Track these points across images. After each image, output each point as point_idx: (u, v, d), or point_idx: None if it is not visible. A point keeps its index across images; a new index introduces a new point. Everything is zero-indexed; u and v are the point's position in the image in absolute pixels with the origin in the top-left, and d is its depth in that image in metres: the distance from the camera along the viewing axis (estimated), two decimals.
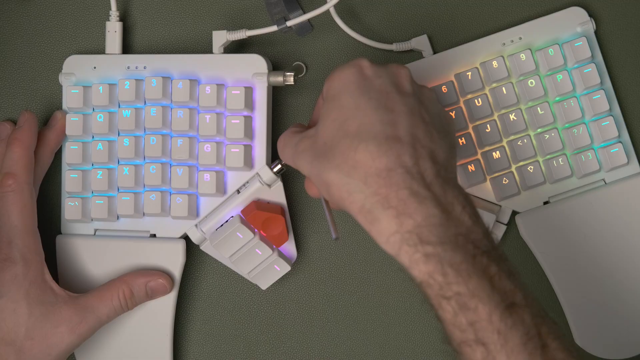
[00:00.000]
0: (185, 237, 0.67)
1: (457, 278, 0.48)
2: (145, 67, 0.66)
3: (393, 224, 0.49)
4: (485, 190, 0.66)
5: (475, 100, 0.66)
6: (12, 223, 0.61)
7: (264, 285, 0.66)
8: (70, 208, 0.66)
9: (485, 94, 0.66)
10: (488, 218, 0.64)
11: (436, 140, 0.52)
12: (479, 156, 0.66)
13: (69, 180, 0.66)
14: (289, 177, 0.69)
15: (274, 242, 0.65)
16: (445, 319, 0.49)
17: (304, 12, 0.67)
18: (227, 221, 0.65)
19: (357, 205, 0.50)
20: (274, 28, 0.65)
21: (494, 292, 0.48)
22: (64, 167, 0.67)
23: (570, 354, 0.48)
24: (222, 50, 0.66)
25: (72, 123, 0.66)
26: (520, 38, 0.66)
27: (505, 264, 0.50)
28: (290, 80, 0.65)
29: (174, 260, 0.66)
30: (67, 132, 0.66)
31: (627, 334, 0.65)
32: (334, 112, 0.53)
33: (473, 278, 0.48)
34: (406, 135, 0.51)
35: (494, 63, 0.65)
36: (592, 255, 0.65)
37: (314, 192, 0.60)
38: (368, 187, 0.50)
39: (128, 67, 0.66)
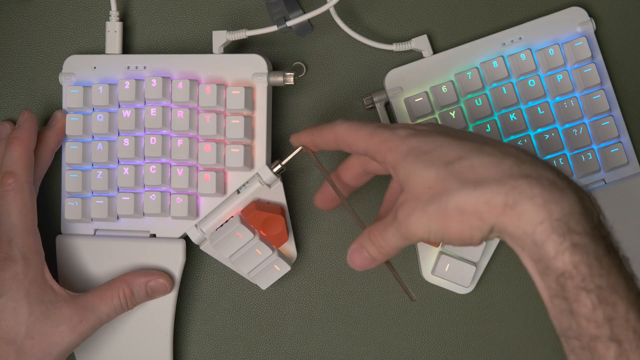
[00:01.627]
0: (185, 237, 0.67)
1: (600, 270, 0.46)
2: (145, 67, 0.66)
3: (541, 212, 0.47)
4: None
5: (476, 100, 0.66)
6: (12, 222, 0.61)
7: (264, 285, 0.66)
8: (70, 208, 0.66)
9: (486, 94, 0.66)
10: None
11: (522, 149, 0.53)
12: None
13: (69, 180, 0.66)
14: (289, 177, 0.69)
15: (274, 242, 0.65)
16: (580, 312, 0.47)
17: (304, 12, 0.67)
18: (227, 221, 0.65)
19: (499, 208, 0.48)
20: (274, 28, 0.65)
21: (630, 289, 0.47)
22: (64, 167, 0.67)
23: None
24: (222, 50, 0.66)
25: (72, 123, 0.66)
26: (520, 38, 0.66)
27: (627, 262, 0.49)
28: (290, 80, 0.65)
29: (174, 260, 0.66)
30: (67, 132, 0.66)
31: None
32: (423, 160, 0.51)
33: (613, 272, 0.47)
34: (506, 146, 0.51)
35: (494, 63, 0.65)
36: None
37: (363, 263, 0.56)
38: (504, 185, 0.48)
39: (128, 67, 0.66)
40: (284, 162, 0.64)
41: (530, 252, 0.48)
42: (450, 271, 0.65)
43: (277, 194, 0.65)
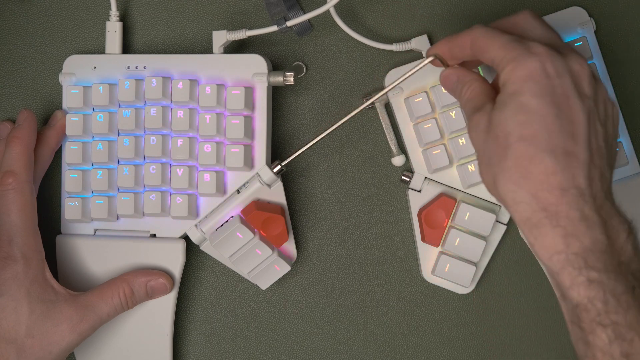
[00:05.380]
0: (185, 237, 0.67)
1: (617, 308, 0.47)
2: (145, 67, 0.66)
3: (560, 243, 0.48)
4: (485, 190, 0.66)
5: None
6: (12, 221, 0.61)
7: (264, 285, 0.66)
8: (70, 208, 0.66)
9: None
10: (488, 218, 0.64)
11: (604, 155, 0.51)
12: None
13: (69, 180, 0.66)
14: (289, 177, 0.69)
15: (274, 242, 0.65)
16: (595, 344, 0.47)
17: (304, 12, 0.67)
18: (227, 221, 0.65)
19: (523, 216, 0.49)
20: (274, 28, 0.65)
21: None
22: (64, 167, 0.67)
23: None
24: (222, 50, 0.66)
25: (72, 123, 0.66)
26: None
27: None
28: (290, 80, 0.65)
29: (174, 260, 0.66)
30: (67, 132, 0.66)
31: None
32: (511, 109, 0.50)
33: (632, 310, 0.47)
34: (583, 152, 0.49)
35: None
36: None
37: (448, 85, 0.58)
38: (537, 202, 0.48)
39: (128, 67, 0.66)
40: (284, 162, 0.64)
41: (548, 273, 0.49)
42: (450, 271, 0.65)
43: (277, 194, 0.66)
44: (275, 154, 0.68)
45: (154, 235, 0.67)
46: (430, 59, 0.58)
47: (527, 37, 0.53)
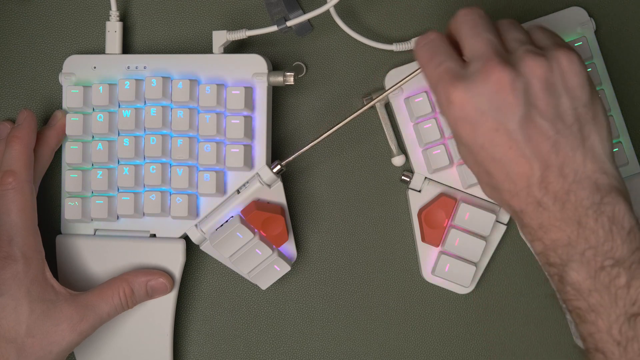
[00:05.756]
0: (185, 237, 0.67)
1: (576, 295, 0.50)
2: (145, 67, 0.66)
3: (530, 245, 0.53)
4: None
5: None
6: (12, 221, 0.61)
7: (264, 285, 0.66)
8: (70, 208, 0.66)
9: None
10: (488, 218, 0.64)
11: (564, 144, 0.50)
12: None
13: (69, 180, 0.66)
14: (289, 177, 0.69)
15: (274, 242, 0.65)
16: (575, 324, 0.52)
17: (304, 12, 0.67)
18: (227, 221, 0.65)
19: (510, 212, 0.53)
20: (274, 28, 0.65)
21: (616, 305, 0.48)
22: (64, 167, 0.67)
23: None
24: (222, 50, 0.66)
25: (72, 123, 0.66)
26: None
27: None
28: (290, 80, 0.65)
29: (174, 260, 0.66)
30: (67, 132, 0.66)
31: None
32: (460, 150, 0.55)
33: (593, 294, 0.49)
34: (530, 167, 0.50)
35: None
36: None
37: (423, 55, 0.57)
38: (510, 208, 0.53)
39: (128, 67, 0.66)
40: (284, 162, 0.64)
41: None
42: (450, 271, 0.65)
43: (277, 194, 0.65)
44: (275, 154, 0.68)
45: (154, 235, 0.67)
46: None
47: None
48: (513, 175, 0.50)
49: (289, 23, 0.65)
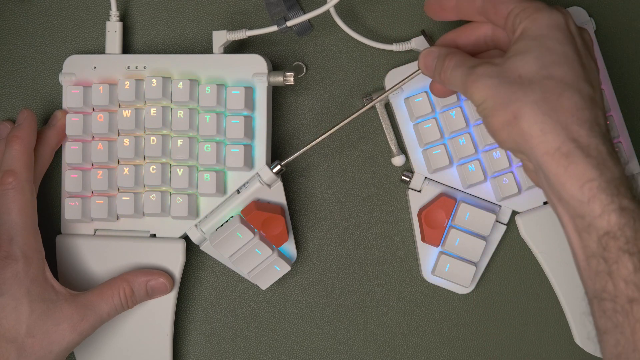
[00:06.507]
0: (185, 237, 0.67)
1: None
2: (145, 67, 0.66)
3: (593, 171, 0.49)
4: (485, 190, 0.66)
5: None
6: (12, 220, 0.61)
7: (264, 285, 0.66)
8: (70, 208, 0.66)
9: None
10: (488, 218, 0.64)
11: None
12: (479, 156, 0.66)
13: (69, 180, 0.66)
14: (289, 177, 0.69)
15: (274, 242, 0.65)
16: (620, 274, 0.48)
17: (304, 12, 0.67)
18: (227, 221, 0.65)
19: (551, 146, 0.50)
20: (274, 28, 0.65)
21: None
22: (64, 167, 0.67)
23: None
24: (222, 50, 0.66)
25: (72, 123, 0.66)
26: None
27: None
28: (290, 80, 0.65)
29: (174, 260, 0.66)
30: (67, 132, 0.66)
31: None
32: (537, 51, 0.52)
33: None
34: (599, 101, 0.52)
35: None
36: None
37: (440, 92, 0.61)
38: (568, 133, 0.49)
39: (128, 67, 0.66)
40: (284, 162, 0.64)
41: (569, 207, 0.50)
42: (450, 271, 0.65)
43: (277, 194, 0.66)
44: (275, 154, 0.68)
45: (154, 235, 0.67)
46: (428, 47, 0.59)
47: None
48: (590, 90, 0.51)
49: (289, 23, 0.65)
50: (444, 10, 0.59)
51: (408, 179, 0.67)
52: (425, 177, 0.67)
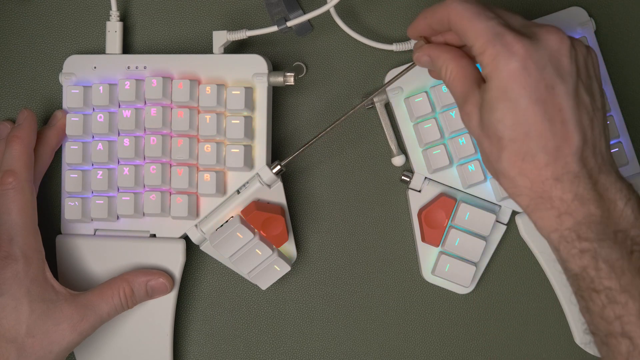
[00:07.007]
0: (185, 237, 0.67)
1: (609, 274, 0.49)
2: (145, 67, 0.66)
3: (554, 222, 0.51)
4: (485, 190, 0.66)
5: None
6: (12, 220, 0.61)
7: (264, 285, 0.66)
8: (70, 208, 0.66)
9: None
10: (488, 218, 0.64)
11: (596, 123, 0.52)
12: (479, 156, 0.66)
13: (69, 180, 0.66)
14: (289, 177, 0.69)
15: (274, 242, 0.65)
16: (594, 310, 0.50)
17: (304, 12, 0.67)
18: (227, 221, 0.65)
19: (523, 203, 0.52)
20: (274, 28, 0.65)
21: None
22: (64, 167, 0.67)
23: None
24: (222, 50, 0.66)
25: (72, 123, 0.66)
26: None
27: None
28: (291, 81, 0.65)
29: (174, 260, 0.66)
30: (67, 132, 0.66)
31: None
32: (500, 111, 0.51)
33: (626, 275, 0.49)
34: (575, 137, 0.51)
35: None
36: None
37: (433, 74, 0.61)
38: (533, 192, 0.51)
39: (128, 67, 0.66)
40: (284, 162, 0.64)
41: (552, 249, 0.52)
42: (450, 271, 0.65)
43: (277, 194, 0.66)
44: (275, 154, 0.68)
45: (154, 235, 0.67)
46: (421, 43, 0.58)
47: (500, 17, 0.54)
48: (557, 139, 0.50)
49: (289, 23, 0.65)
50: (423, 33, 0.59)
51: (408, 179, 0.67)
52: (425, 177, 0.67)
